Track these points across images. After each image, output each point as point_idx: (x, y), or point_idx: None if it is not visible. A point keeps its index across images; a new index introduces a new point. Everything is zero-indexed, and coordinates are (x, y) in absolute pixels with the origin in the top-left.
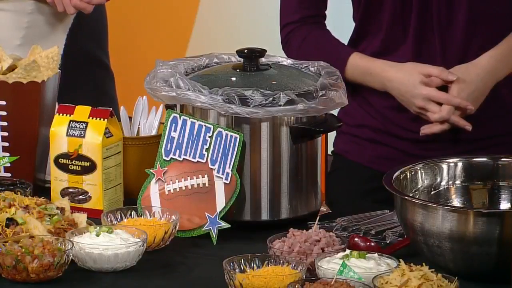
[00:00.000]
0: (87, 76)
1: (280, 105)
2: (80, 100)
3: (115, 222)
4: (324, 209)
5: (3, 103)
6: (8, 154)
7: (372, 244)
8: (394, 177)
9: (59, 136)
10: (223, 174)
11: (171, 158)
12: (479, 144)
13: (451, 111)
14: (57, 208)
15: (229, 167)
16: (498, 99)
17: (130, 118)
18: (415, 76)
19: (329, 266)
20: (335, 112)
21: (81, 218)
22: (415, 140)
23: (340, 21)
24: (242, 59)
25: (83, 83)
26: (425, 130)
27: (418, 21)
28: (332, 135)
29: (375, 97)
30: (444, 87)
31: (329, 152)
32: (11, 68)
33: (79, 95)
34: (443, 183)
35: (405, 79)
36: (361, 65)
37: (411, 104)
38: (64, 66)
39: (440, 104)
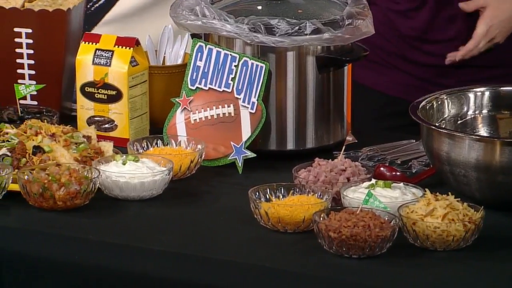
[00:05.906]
0: None
1: (306, 34)
2: None
3: (141, 151)
4: (350, 138)
5: (29, 31)
6: (34, 82)
7: (398, 173)
8: (420, 106)
9: (85, 64)
10: (248, 103)
11: (197, 87)
12: (495, 71)
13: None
14: (84, 136)
15: (254, 97)
16: None
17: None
18: None
19: (354, 195)
20: None
21: (108, 147)
22: (428, 65)
23: None
24: None
25: None
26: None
27: None
28: None
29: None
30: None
31: None
32: None
33: None
34: (470, 112)
35: None
36: None
37: None
38: None
39: None
